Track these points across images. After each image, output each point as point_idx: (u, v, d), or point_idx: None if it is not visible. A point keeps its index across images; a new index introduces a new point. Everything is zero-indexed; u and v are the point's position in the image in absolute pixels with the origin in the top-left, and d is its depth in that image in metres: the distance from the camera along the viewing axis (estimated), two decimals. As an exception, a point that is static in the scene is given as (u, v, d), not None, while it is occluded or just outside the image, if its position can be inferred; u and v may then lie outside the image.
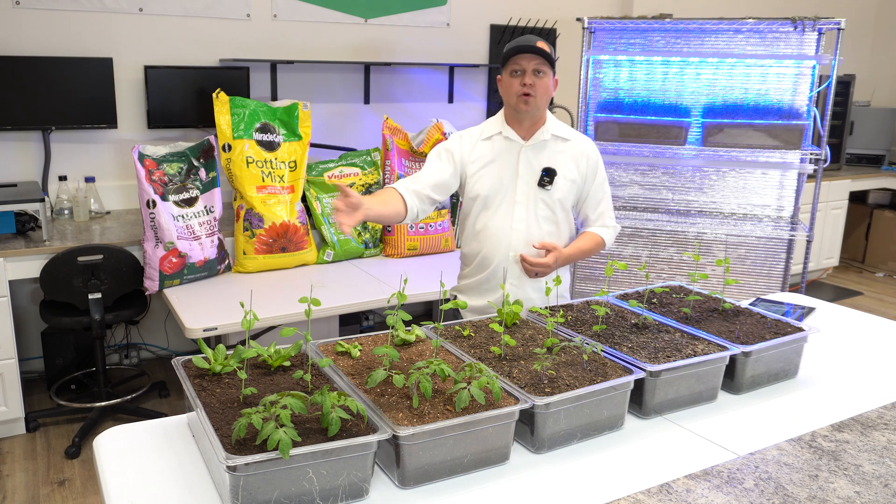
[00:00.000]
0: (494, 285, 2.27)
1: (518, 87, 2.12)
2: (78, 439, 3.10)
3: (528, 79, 2.11)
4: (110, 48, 3.61)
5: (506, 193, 2.21)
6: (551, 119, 2.25)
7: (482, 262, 2.27)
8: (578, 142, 2.26)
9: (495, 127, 2.24)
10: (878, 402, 1.78)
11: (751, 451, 1.52)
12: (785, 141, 3.61)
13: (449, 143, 2.26)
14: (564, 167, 2.22)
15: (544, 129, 2.22)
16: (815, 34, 3.60)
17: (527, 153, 2.21)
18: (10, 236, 3.16)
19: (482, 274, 2.28)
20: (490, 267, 2.26)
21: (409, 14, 4.35)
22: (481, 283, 2.30)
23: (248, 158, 3.34)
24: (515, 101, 2.15)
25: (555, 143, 2.23)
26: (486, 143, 2.24)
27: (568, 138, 2.25)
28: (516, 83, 2.13)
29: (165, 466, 1.41)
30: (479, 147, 2.24)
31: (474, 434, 1.39)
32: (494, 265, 2.25)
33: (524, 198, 2.21)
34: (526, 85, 2.11)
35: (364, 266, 3.56)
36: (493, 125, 2.25)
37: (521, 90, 2.12)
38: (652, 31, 3.79)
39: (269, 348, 1.61)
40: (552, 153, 2.22)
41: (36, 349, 3.65)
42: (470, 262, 2.32)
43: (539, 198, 2.21)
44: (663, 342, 1.78)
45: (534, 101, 2.13)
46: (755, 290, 3.87)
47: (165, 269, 3.05)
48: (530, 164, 2.21)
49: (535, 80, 2.11)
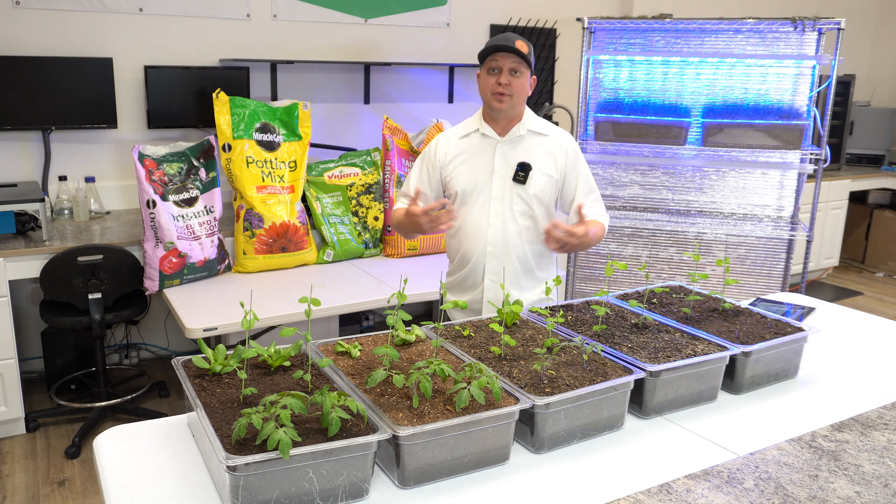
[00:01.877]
0: (475, 282, 2.30)
1: (493, 85, 2.15)
2: (78, 439, 3.10)
3: (503, 78, 2.14)
4: (110, 48, 3.61)
5: (482, 189, 2.24)
6: (529, 114, 2.27)
7: (462, 259, 2.31)
8: (556, 137, 2.27)
9: (473, 125, 2.28)
10: (878, 402, 1.78)
11: (751, 451, 1.52)
12: (785, 141, 3.61)
13: (427, 149, 2.33)
14: (541, 162, 2.23)
15: (520, 125, 2.24)
16: (815, 34, 3.60)
17: (502, 149, 2.24)
18: (10, 236, 3.17)
19: (463, 270, 2.32)
20: (469, 263, 2.29)
21: (409, 14, 4.35)
22: (463, 280, 2.33)
23: (248, 158, 3.34)
24: (490, 99, 2.18)
25: (532, 138, 2.25)
26: (464, 140, 2.28)
27: (545, 133, 2.26)
28: (492, 81, 2.16)
29: (165, 466, 1.41)
30: (456, 145, 2.28)
31: (474, 434, 1.39)
32: (473, 261, 2.28)
33: (499, 193, 2.23)
34: (501, 84, 2.14)
35: (364, 266, 3.56)
36: (471, 123, 2.29)
37: (497, 89, 2.15)
38: (652, 31, 3.79)
39: (269, 348, 1.61)
40: (528, 148, 2.24)
41: (36, 349, 3.65)
42: (452, 259, 2.37)
43: (515, 193, 2.22)
44: (663, 342, 1.78)
45: (508, 101, 2.15)
46: (755, 290, 3.87)
47: (165, 269, 3.05)
48: (506, 159, 2.23)
49: (510, 80, 2.14)
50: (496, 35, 2.18)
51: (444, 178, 2.29)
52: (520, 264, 2.27)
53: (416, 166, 2.35)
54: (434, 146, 2.31)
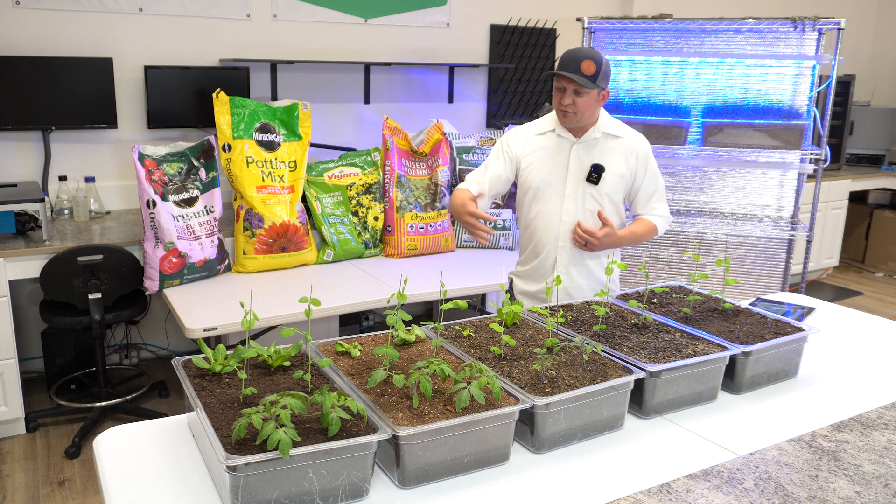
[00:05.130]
0: (545, 272, 2.42)
1: (558, 103, 2.26)
2: (78, 439, 3.10)
3: (566, 98, 2.23)
4: (110, 48, 3.61)
5: (556, 187, 2.35)
6: (604, 117, 2.36)
7: (535, 250, 2.42)
8: (629, 138, 2.37)
9: (549, 124, 2.38)
10: (878, 402, 1.78)
11: (751, 451, 1.52)
12: (785, 141, 3.61)
13: (505, 139, 2.42)
14: (614, 163, 2.33)
15: (595, 128, 2.33)
16: (815, 34, 3.60)
17: (577, 150, 2.33)
18: (10, 236, 3.16)
19: (535, 261, 2.43)
20: (541, 255, 2.41)
21: (409, 14, 4.35)
22: (535, 270, 2.44)
23: (248, 158, 3.34)
24: (558, 112, 2.30)
25: (605, 140, 2.34)
26: (540, 137, 2.38)
27: (619, 135, 2.36)
28: (558, 98, 2.26)
29: (165, 466, 1.41)
30: (533, 141, 2.38)
31: (474, 434, 1.39)
32: (545, 254, 2.40)
33: (573, 192, 2.34)
34: (563, 104, 2.24)
35: (364, 266, 3.55)
36: (546, 122, 2.40)
37: (560, 106, 2.26)
38: (652, 31, 3.79)
39: (269, 348, 1.61)
40: (602, 150, 2.34)
41: (36, 349, 3.65)
42: (524, 250, 2.49)
43: (588, 192, 2.33)
44: (663, 342, 1.78)
45: (573, 118, 2.27)
46: (755, 290, 3.87)
47: (165, 269, 3.05)
48: (580, 160, 2.33)
49: (574, 99, 2.23)
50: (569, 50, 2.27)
51: (521, 168, 2.39)
52: (588, 258, 2.39)
53: (493, 154, 2.42)
54: (512, 137, 2.40)
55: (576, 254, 2.37)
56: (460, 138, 4.08)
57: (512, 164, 2.40)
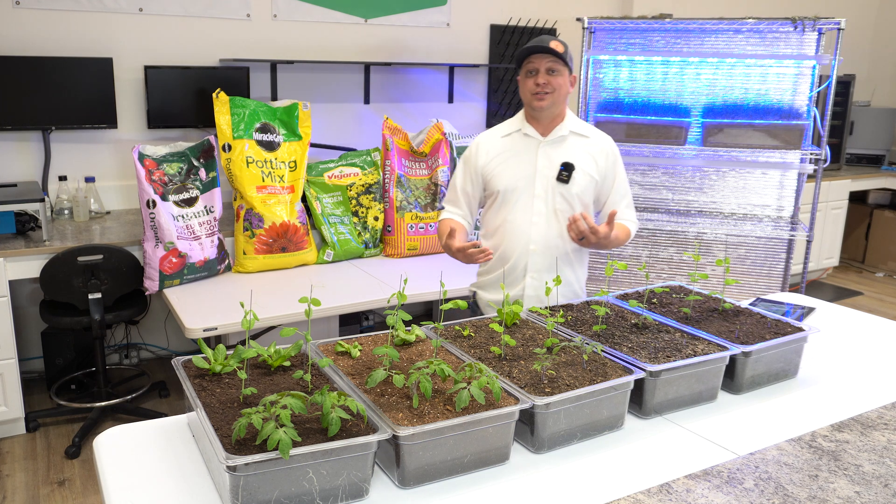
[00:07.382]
0: (515, 279, 2.34)
1: (532, 86, 2.21)
2: (78, 439, 3.10)
3: (541, 78, 2.19)
4: (110, 48, 3.61)
5: (525, 188, 2.28)
6: (570, 116, 2.32)
7: (502, 257, 2.34)
8: (597, 139, 2.33)
9: (515, 125, 2.33)
10: (878, 402, 1.78)
11: (751, 451, 1.52)
12: (785, 141, 3.61)
13: (468, 152, 2.38)
14: (583, 163, 2.28)
15: (563, 126, 2.28)
16: (815, 34, 3.60)
17: (545, 148, 2.28)
18: (10, 236, 3.16)
19: (503, 268, 2.35)
20: (510, 261, 2.32)
21: (409, 14, 4.35)
22: (502, 277, 2.36)
23: (248, 158, 3.34)
24: (530, 99, 2.23)
25: (573, 139, 2.30)
26: (506, 139, 2.33)
27: (587, 135, 2.32)
28: (531, 83, 2.21)
29: (165, 466, 1.41)
30: (498, 144, 2.33)
31: (474, 434, 1.39)
32: (514, 259, 2.31)
33: (543, 192, 2.27)
34: (539, 84, 2.19)
35: (364, 266, 3.55)
36: (513, 123, 2.34)
37: (535, 89, 2.20)
38: (652, 31, 3.79)
39: (269, 348, 1.61)
40: (571, 149, 2.29)
41: (36, 349, 3.65)
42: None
43: (558, 192, 2.27)
44: (663, 342, 1.78)
45: (549, 98, 2.20)
46: (755, 290, 3.87)
47: (165, 269, 3.05)
48: (549, 159, 2.27)
49: (548, 79, 2.19)
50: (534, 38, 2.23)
51: (486, 178, 2.33)
52: (560, 261, 2.33)
53: (458, 170, 2.40)
54: (475, 148, 2.36)
55: (548, 257, 2.29)
56: (460, 138, 4.08)
57: (478, 177, 2.34)
